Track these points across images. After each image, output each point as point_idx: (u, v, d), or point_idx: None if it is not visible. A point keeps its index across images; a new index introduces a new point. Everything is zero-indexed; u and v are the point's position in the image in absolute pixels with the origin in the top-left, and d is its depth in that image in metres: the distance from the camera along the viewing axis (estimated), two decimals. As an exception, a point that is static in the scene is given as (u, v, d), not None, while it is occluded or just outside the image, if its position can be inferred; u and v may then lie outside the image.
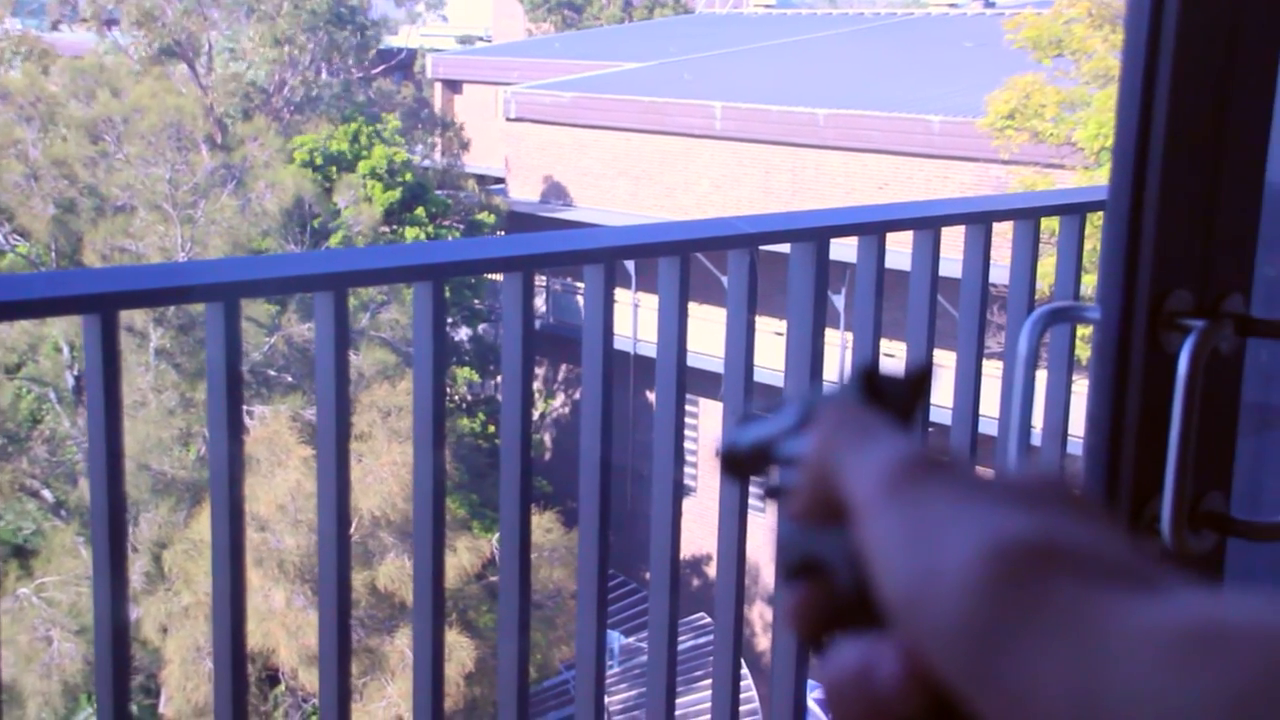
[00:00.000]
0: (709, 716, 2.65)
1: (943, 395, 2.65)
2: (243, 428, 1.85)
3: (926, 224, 2.54)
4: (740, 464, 0.55)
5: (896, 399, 0.50)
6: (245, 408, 11.04)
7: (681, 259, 2.29)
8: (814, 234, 2.40)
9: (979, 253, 2.63)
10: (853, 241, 2.48)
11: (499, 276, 2.34)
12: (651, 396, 2.43)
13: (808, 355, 2.46)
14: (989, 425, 2.51)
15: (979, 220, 2.61)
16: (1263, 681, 0.36)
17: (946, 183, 16.13)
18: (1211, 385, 1.23)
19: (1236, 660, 0.36)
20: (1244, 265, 1.28)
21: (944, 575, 0.41)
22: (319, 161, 17.44)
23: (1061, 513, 0.43)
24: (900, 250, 2.64)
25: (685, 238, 2.36)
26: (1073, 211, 2.71)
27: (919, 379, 0.51)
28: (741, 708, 2.61)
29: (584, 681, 2.36)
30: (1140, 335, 1.22)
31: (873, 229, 2.48)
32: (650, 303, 2.40)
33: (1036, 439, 2.86)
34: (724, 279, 2.49)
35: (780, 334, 2.56)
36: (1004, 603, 0.39)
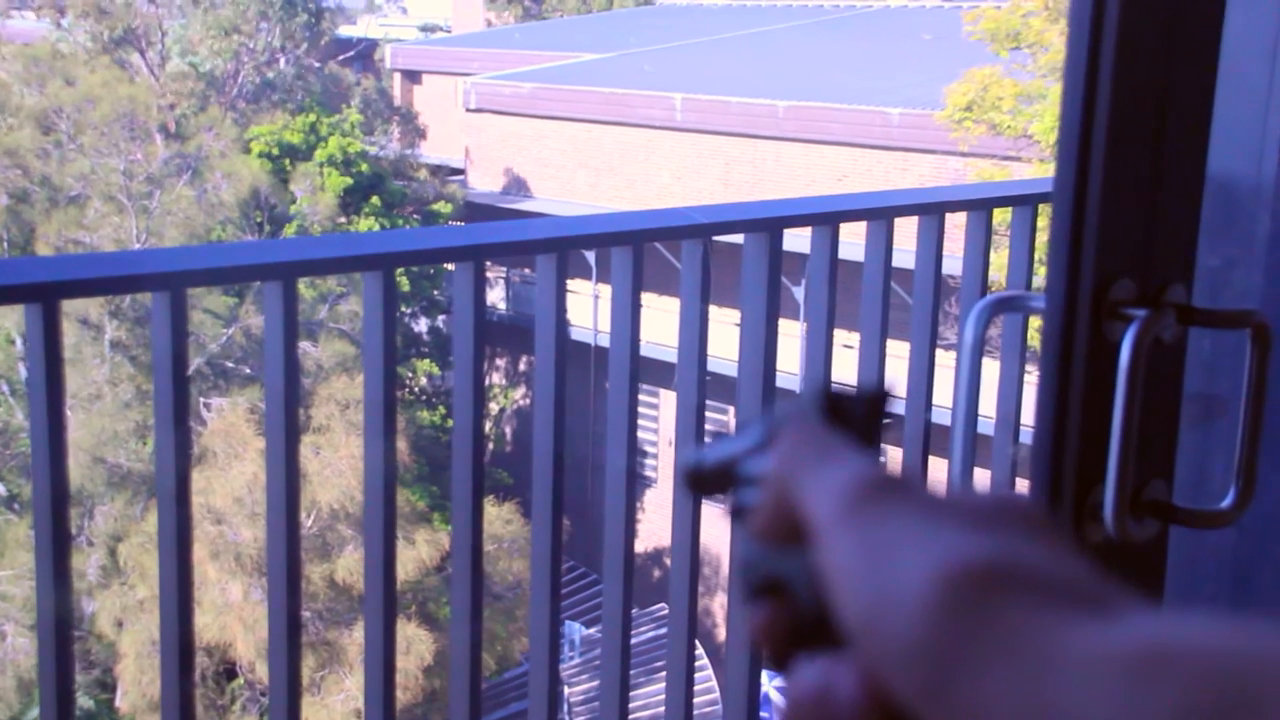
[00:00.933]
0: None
1: (898, 386, 2.67)
2: (189, 418, 1.83)
3: (879, 214, 2.55)
4: (704, 483, 0.55)
5: (856, 419, 0.51)
6: (202, 400, 10.93)
7: (634, 249, 2.29)
8: (767, 224, 2.40)
9: (932, 243, 2.64)
10: (809, 232, 2.49)
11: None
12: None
13: (761, 346, 2.47)
14: (945, 416, 2.53)
15: (932, 211, 2.62)
16: (1210, 703, 0.36)
17: (905, 175, 16.20)
18: (1154, 374, 1.24)
19: (1184, 683, 0.36)
20: (1186, 256, 1.29)
21: (897, 597, 0.41)
22: (276, 152, 17.32)
23: (1015, 534, 0.43)
24: (858, 242, 2.64)
25: (638, 228, 2.35)
26: (1024, 203, 2.72)
27: (878, 400, 0.52)
28: (702, 698, 2.61)
29: (537, 671, 2.36)
30: (1084, 324, 1.23)
31: (826, 219, 2.48)
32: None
33: (991, 429, 2.88)
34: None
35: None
36: (955, 625, 0.40)
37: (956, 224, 2.69)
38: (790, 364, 2.60)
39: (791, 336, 2.69)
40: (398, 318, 17.29)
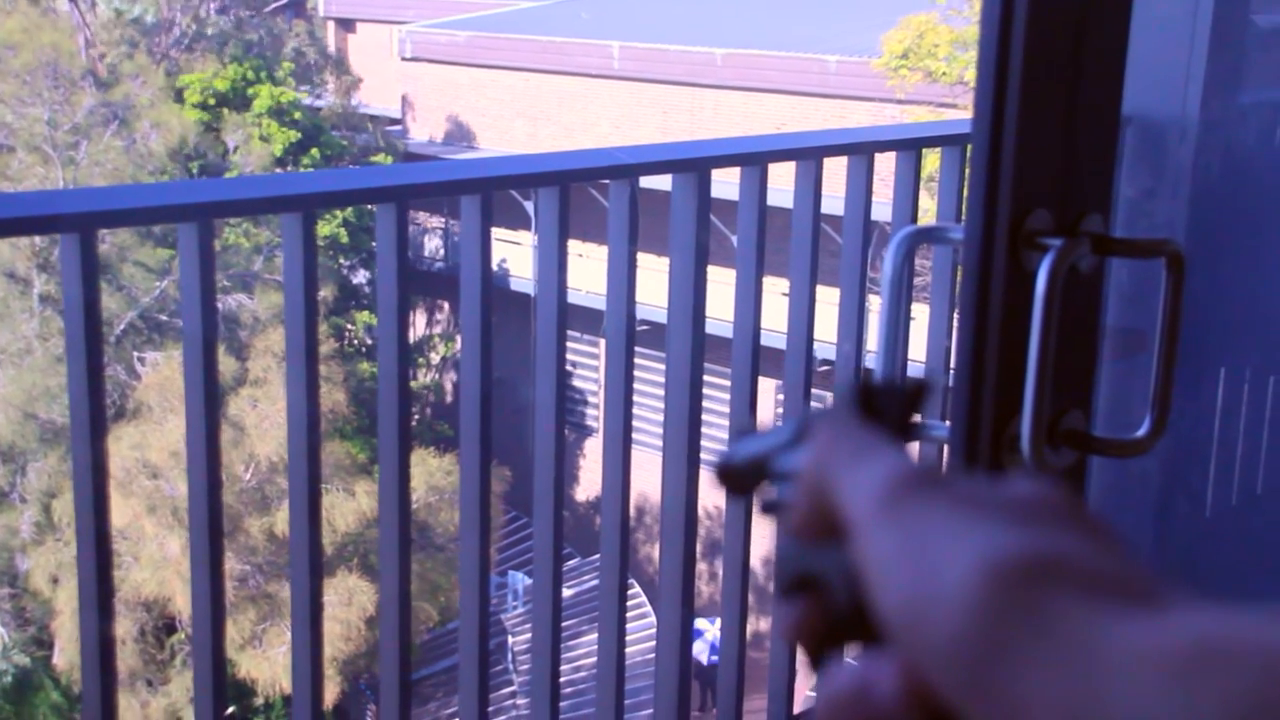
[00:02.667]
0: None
1: (826, 331, 2.67)
2: (103, 368, 1.79)
3: (808, 154, 2.53)
4: (736, 479, 0.55)
5: (892, 413, 0.50)
6: (136, 354, 10.77)
7: (561, 190, 2.26)
8: (695, 164, 2.38)
9: (861, 184, 2.63)
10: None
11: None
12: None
13: (690, 291, 2.45)
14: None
15: (860, 151, 2.61)
16: (1264, 701, 0.35)
17: (844, 122, 16.19)
18: (1071, 305, 1.24)
19: (1237, 679, 0.35)
20: (1103, 186, 1.29)
21: (941, 592, 0.40)
22: (211, 101, 17.01)
23: (1060, 527, 0.42)
24: (789, 189, 2.62)
25: (563, 168, 2.32)
26: (953, 143, 2.72)
27: (915, 393, 0.52)
28: (648, 644, 2.61)
29: (468, 617, 2.35)
30: (1001, 254, 1.22)
31: (754, 159, 2.46)
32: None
33: (919, 370, 2.89)
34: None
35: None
36: (1001, 619, 0.39)
37: (891, 169, 2.68)
38: (726, 312, 2.58)
39: (724, 283, 2.68)
40: (336, 269, 17.01)
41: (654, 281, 3.20)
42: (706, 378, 2.48)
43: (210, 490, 1.89)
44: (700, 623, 12.77)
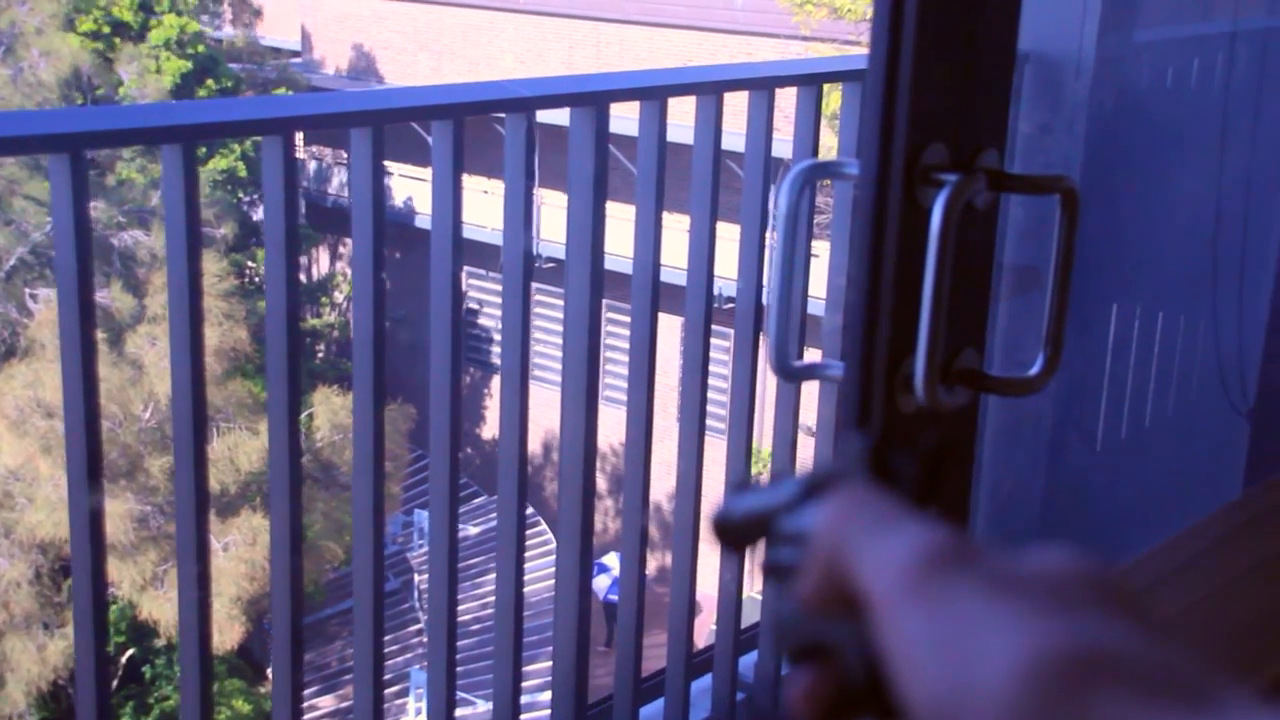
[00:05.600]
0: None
1: (728, 268, 2.65)
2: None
3: (708, 89, 2.49)
4: (734, 534, 0.52)
5: (909, 477, 0.48)
6: (28, 291, 10.45)
7: (455, 124, 2.20)
8: (593, 98, 2.33)
9: (762, 120, 2.60)
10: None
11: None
12: (462, 279, 2.36)
13: (589, 229, 2.42)
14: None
15: (761, 86, 2.57)
16: None
17: (749, 59, 16.15)
18: (966, 242, 1.23)
19: None
20: (999, 122, 1.28)
21: (979, 687, 0.38)
22: (106, 30, 16.48)
23: (1104, 613, 0.39)
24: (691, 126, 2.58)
25: (457, 101, 2.26)
26: (855, 79, 2.70)
27: (934, 458, 0.49)
28: (553, 582, 2.59)
29: (361, 555, 2.31)
30: (896, 189, 1.20)
31: (654, 94, 2.42)
32: (466, 183, 2.31)
33: (820, 310, 2.89)
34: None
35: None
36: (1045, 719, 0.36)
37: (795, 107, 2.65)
38: (629, 249, 2.54)
39: (624, 220, 2.65)
40: (236, 205, 16.64)
41: (561, 219, 3.17)
42: (608, 315, 2.45)
43: (88, 420, 1.83)
44: (609, 558, 12.82)
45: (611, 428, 3.13)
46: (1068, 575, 0.41)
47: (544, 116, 2.77)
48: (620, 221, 2.86)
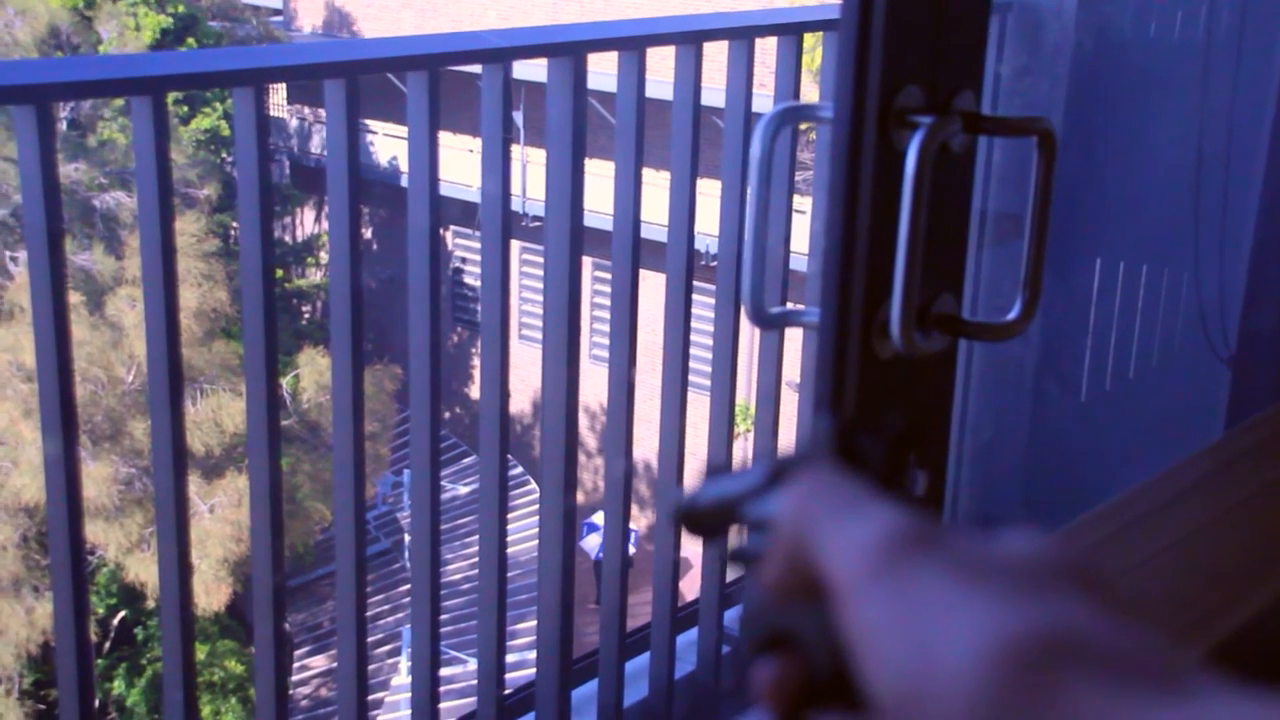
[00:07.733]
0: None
1: (708, 223, 2.62)
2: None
3: (688, 39, 2.46)
4: (699, 523, 0.51)
5: (876, 460, 0.47)
6: (9, 254, 10.37)
7: (430, 75, 2.17)
8: (571, 48, 2.31)
9: (742, 71, 2.57)
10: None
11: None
12: (449, 239, 2.33)
13: (568, 184, 2.39)
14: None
15: (741, 35, 2.55)
16: None
17: (734, 10, 16.04)
18: (942, 185, 1.21)
19: None
20: (975, 62, 1.26)
21: (945, 671, 0.37)
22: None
23: (1073, 598, 0.38)
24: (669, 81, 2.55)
25: (432, 51, 2.23)
26: (836, 28, 2.67)
27: (900, 440, 0.47)
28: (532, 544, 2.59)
29: (343, 522, 2.30)
30: (871, 132, 1.18)
31: (632, 44, 2.39)
32: (451, 142, 2.27)
33: (801, 264, 2.87)
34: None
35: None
36: (1012, 704, 0.35)
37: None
38: (594, 203, 2.51)
39: (603, 175, 2.60)
40: (219, 164, 16.50)
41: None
42: (597, 274, 2.42)
43: (61, 379, 1.81)
44: (599, 517, 12.86)
45: (603, 386, 3.12)
46: (1034, 559, 0.40)
47: (532, 74, 2.73)
48: (607, 180, 2.83)
